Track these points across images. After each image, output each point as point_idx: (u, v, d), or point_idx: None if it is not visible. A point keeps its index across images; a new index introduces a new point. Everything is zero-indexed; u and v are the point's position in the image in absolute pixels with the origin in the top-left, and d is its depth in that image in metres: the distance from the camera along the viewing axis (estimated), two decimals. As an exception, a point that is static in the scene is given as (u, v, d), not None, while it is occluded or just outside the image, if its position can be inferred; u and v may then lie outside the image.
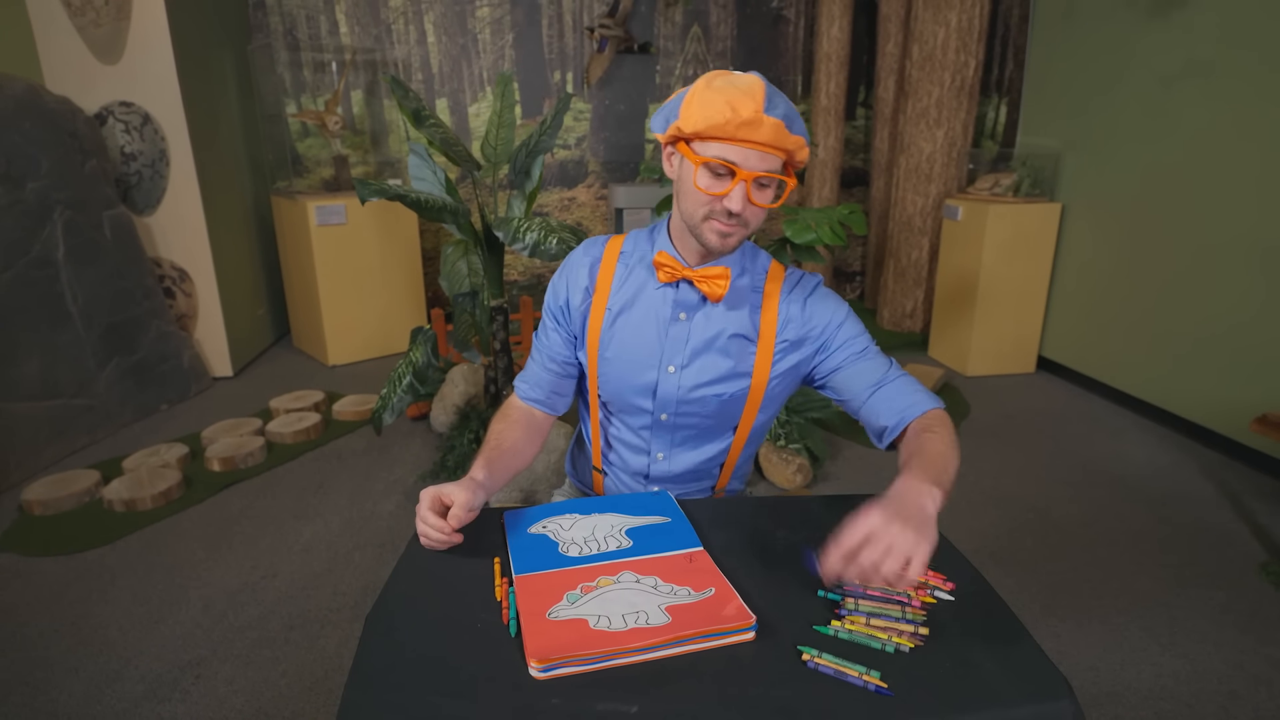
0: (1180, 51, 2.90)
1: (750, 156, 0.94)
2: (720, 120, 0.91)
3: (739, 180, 0.95)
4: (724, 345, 1.09)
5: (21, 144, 2.77)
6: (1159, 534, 2.28)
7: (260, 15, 4.07)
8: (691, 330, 1.09)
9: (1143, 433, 3.02)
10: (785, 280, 1.11)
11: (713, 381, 1.10)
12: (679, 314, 1.09)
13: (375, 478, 2.65)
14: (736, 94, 0.92)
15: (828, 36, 4.14)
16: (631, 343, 1.10)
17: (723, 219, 0.99)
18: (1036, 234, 3.51)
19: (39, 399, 2.72)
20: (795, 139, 0.95)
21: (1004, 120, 4.27)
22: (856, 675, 0.74)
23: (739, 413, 1.14)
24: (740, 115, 0.91)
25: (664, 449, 1.17)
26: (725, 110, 0.91)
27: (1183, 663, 1.74)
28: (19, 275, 2.71)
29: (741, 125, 0.91)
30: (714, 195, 0.97)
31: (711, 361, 1.09)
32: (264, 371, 3.80)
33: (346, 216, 3.71)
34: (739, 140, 0.93)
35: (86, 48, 3.19)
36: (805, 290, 1.11)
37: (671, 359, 1.10)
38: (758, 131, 0.92)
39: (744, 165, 0.94)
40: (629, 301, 1.11)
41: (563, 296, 1.14)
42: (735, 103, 0.91)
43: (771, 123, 0.92)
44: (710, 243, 1.02)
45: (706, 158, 0.95)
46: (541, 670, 0.74)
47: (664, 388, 1.11)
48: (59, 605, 1.95)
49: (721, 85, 0.94)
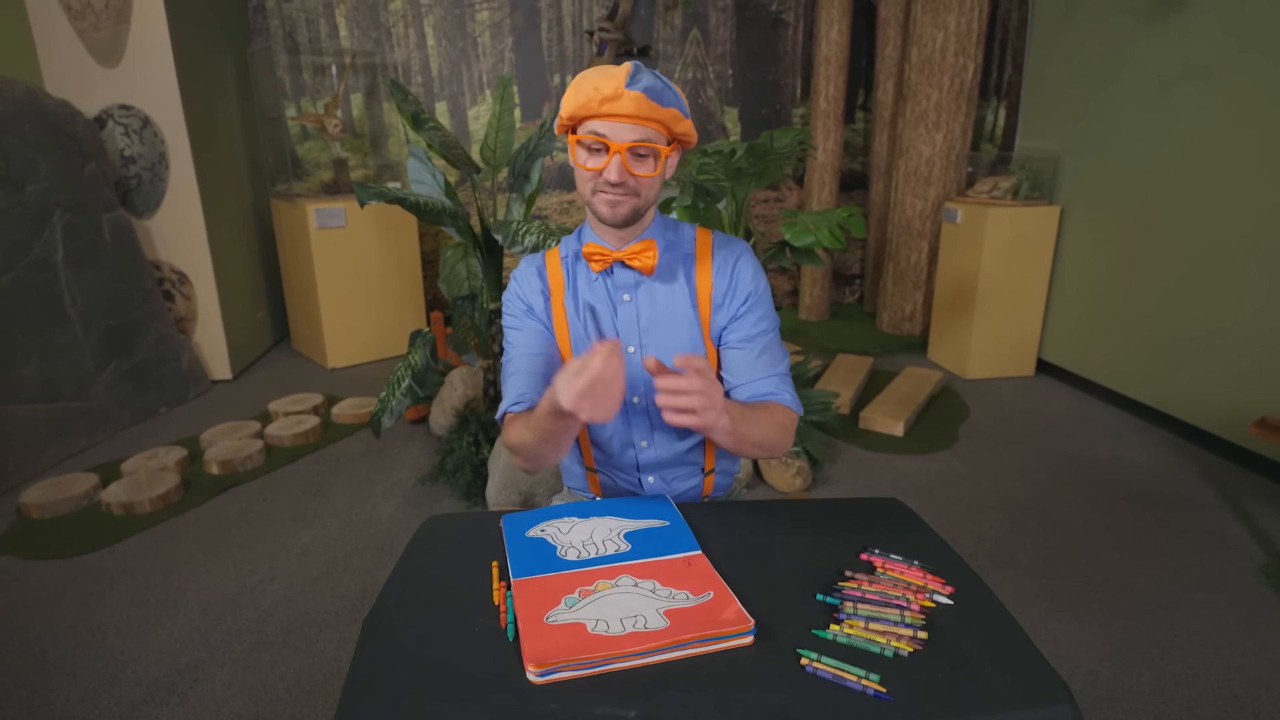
0: (1178, 54, 2.90)
1: (619, 129, 1.00)
2: (584, 99, 0.98)
3: (613, 153, 1.01)
4: (673, 315, 1.13)
5: (21, 147, 2.77)
6: (1158, 537, 2.28)
7: (260, 19, 4.07)
8: (639, 309, 1.13)
9: (1142, 435, 3.02)
10: (714, 241, 1.17)
11: (674, 351, 1.12)
12: (622, 296, 1.13)
13: (374, 481, 2.65)
14: (601, 75, 0.98)
15: (827, 40, 4.14)
16: (592, 334, 1.14)
17: (607, 189, 1.04)
18: (1036, 237, 3.51)
19: (38, 402, 2.72)
20: (667, 111, 1.00)
21: (1003, 123, 4.28)
22: (855, 679, 0.74)
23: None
24: (602, 92, 0.97)
25: (645, 435, 1.18)
26: (589, 90, 0.98)
27: (1182, 666, 1.74)
28: (18, 278, 2.71)
29: (605, 100, 0.97)
30: (593, 170, 1.03)
31: (666, 334, 1.13)
32: (263, 374, 3.80)
33: (346, 219, 3.71)
34: (605, 115, 0.99)
35: (86, 51, 3.20)
36: (734, 254, 1.16)
37: (629, 340, 1.13)
38: (621, 105, 0.97)
39: (614, 138, 1.00)
40: (579, 295, 1.15)
41: (523, 301, 1.15)
42: (598, 82, 0.98)
43: (633, 95, 0.97)
44: (603, 214, 1.07)
45: (581, 135, 1.02)
46: (539, 675, 0.74)
47: (630, 369, 1.13)
48: (57, 608, 1.94)
49: (591, 72, 1.00)
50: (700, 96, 4.55)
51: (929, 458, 2.84)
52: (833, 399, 2.82)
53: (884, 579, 0.91)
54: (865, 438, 2.99)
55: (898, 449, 2.90)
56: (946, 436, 3.01)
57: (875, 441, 2.96)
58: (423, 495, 2.53)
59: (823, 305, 4.63)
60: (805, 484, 2.57)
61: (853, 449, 2.91)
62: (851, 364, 3.65)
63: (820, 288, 4.60)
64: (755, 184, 2.56)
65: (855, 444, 2.94)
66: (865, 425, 3.07)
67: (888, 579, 0.91)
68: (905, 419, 3.02)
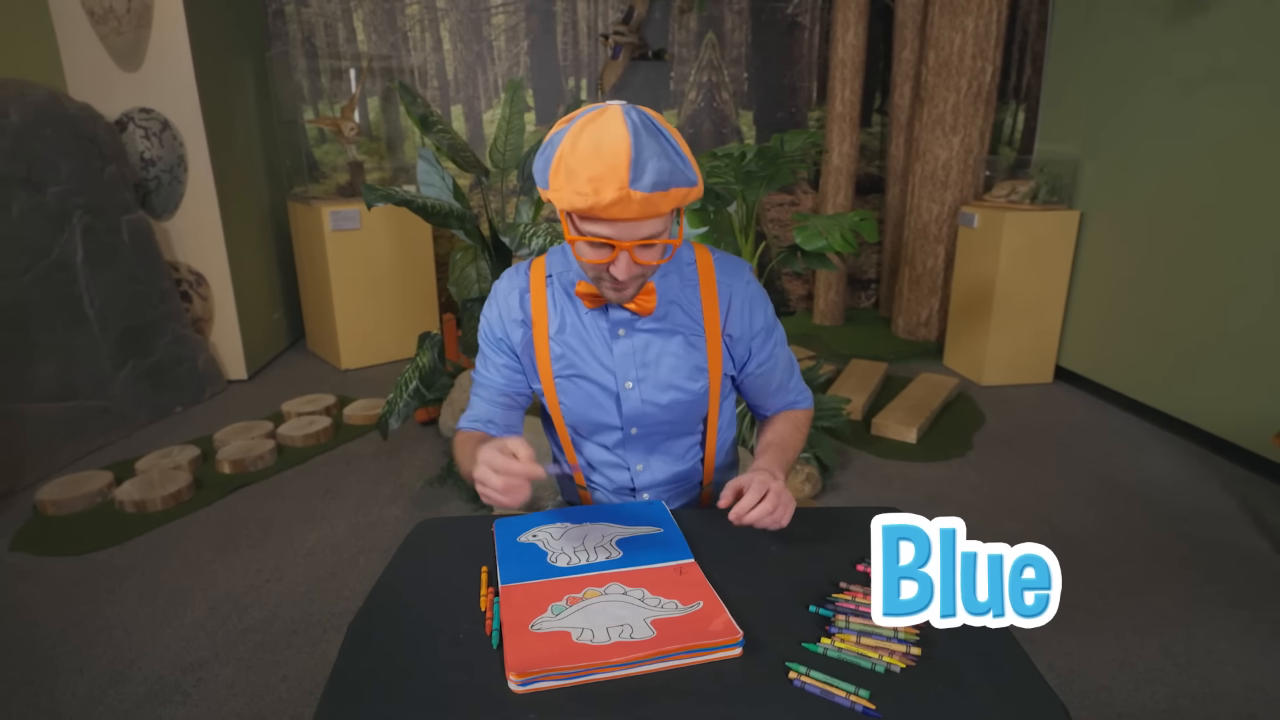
0: (1202, 56, 2.84)
1: (624, 228, 0.90)
2: (584, 206, 0.86)
3: (619, 251, 0.91)
4: (674, 348, 1.08)
5: (43, 150, 2.82)
6: (1178, 550, 2.22)
7: (280, 23, 4.12)
8: (635, 343, 1.07)
9: (1163, 445, 2.96)
10: (715, 262, 1.10)
11: (673, 386, 1.08)
12: (617, 330, 1.07)
13: (383, 482, 2.65)
14: (601, 169, 0.84)
15: (843, 43, 4.11)
16: (584, 367, 1.08)
17: (612, 281, 0.96)
18: (1054, 242, 3.45)
19: (55, 400, 2.76)
20: (674, 196, 0.88)
21: (1021, 126, 4.22)
22: (844, 695, 0.72)
23: (705, 407, 1.13)
24: (604, 198, 0.85)
25: (641, 459, 1.16)
26: (589, 194, 0.85)
27: (1200, 684, 1.69)
28: (38, 278, 2.75)
29: (608, 207, 0.86)
30: (599, 264, 0.94)
31: (667, 367, 1.08)
32: (278, 375, 3.83)
33: (361, 222, 3.74)
34: (610, 219, 0.89)
35: (108, 55, 3.25)
36: (741, 280, 1.10)
37: (626, 375, 1.08)
38: (628, 208, 0.86)
39: (620, 237, 0.90)
40: (568, 328, 1.08)
41: (499, 329, 1.10)
42: (599, 183, 0.85)
43: (638, 198, 0.85)
44: (609, 299, 1.01)
45: (582, 236, 0.92)
46: (520, 684, 0.73)
47: (628, 405, 1.09)
48: (67, 605, 1.96)
49: (585, 151, 0.85)
50: (715, 100, 4.53)
51: (942, 465, 2.80)
52: (844, 405, 2.79)
53: (879, 591, 0.88)
54: (877, 444, 2.95)
55: (910, 456, 2.86)
56: (960, 444, 2.96)
57: (887, 448, 2.92)
58: (430, 497, 2.53)
59: (837, 310, 4.59)
60: (814, 490, 2.53)
61: (864, 456, 2.87)
62: (865, 369, 3.61)
63: (835, 292, 4.56)
64: (766, 187, 2.54)
65: (867, 451, 2.90)
66: (877, 432, 3.03)
67: (883, 591, 0.88)
68: (918, 426, 2.98)
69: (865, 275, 4.91)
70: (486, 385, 1.13)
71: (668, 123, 0.91)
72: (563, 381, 1.10)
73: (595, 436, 1.15)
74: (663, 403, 1.09)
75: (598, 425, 1.12)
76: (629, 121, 0.86)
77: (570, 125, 0.89)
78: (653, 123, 0.88)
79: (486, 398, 1.13)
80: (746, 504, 0.93)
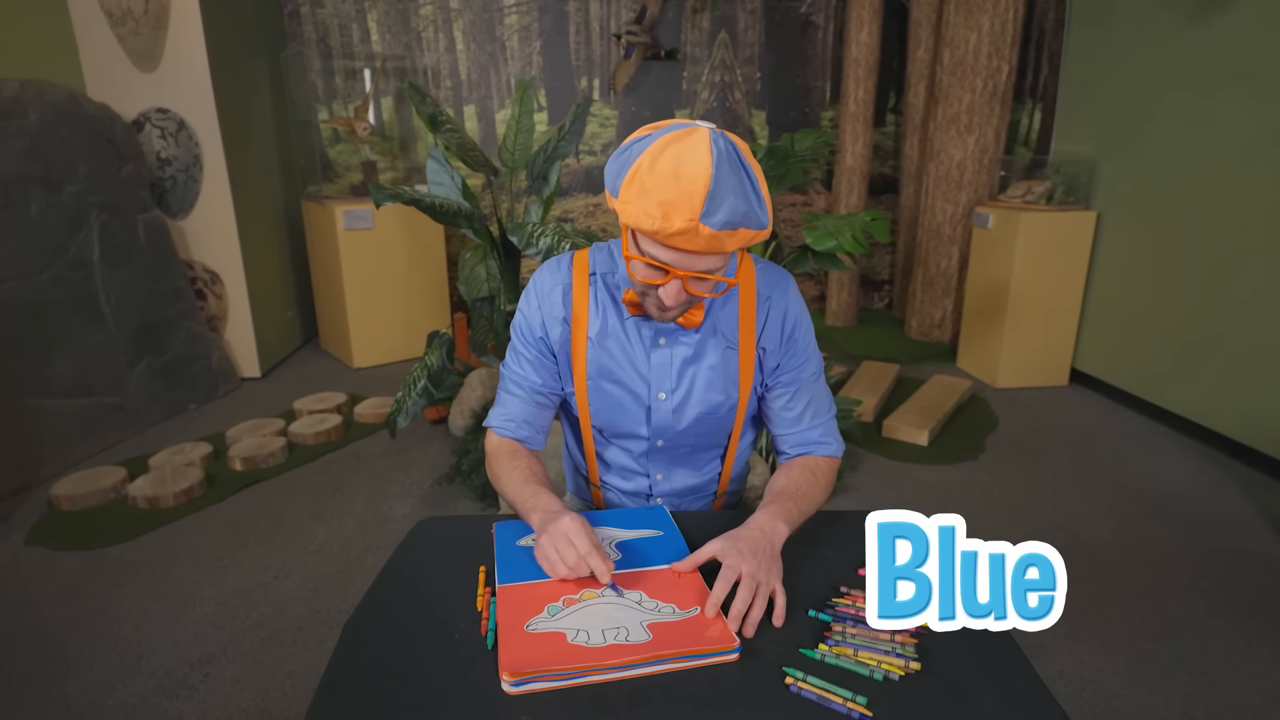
0: (1222, 55, 2.79)
1: (684, 259, 0.88)
2: (650, 229, 0.84)
3: (672, 278, 0.90)
4: (711, 361, 1.06)
5: (61, 149, 2.86)
6: (1194, 557, 2.18)
7: (295, 24, 4.15)
8: (674, 354, 1.06)
9: (1181, 450, 2.91)
10: (757, 274, 1.08)
11: (704, 401, 1.07)
12: (658, 339, 1.05)
13: (392, 480, 2.66)
14: (675, 195, 0.82)
15: (856, 42, 4.08)
16: (619, 373, 1.07)
17: (657, 302, 0.94)
18: (1070, 243, 3.41)
19: (71, 396, 2.79)
20: (741, 236, 0.85)
21: (1038, 126, 4.17)
22: (840, 701, 0.71)
23: (733, 421, 1.12)
24: (670, 226, 0.83)
25: (662, 469, 1.15)
26: (657, 218, 0.83)
27: (1215, 693, 1.66)
28: (55, 276, 2.79)
29: (673, 235, 0.84)
30: (649, 283, 0.92)
31: (701, 381, 1.06)
32: (291, 373, 3.86)
33: (373, 221, 3.76)
34: (672, 247, 0.87)
35: (126, 56, 3.29)
36: (781, 292, 1.07)
37: (660, 386, 1.07)
38: (694, 241, 0.84)
39: (678, 266, 0.89)
40: (608, 329, 1.06)
41: (539, 327, 1.07)
42: (669, 208, 0.82)
43: (705, 234, 0.83)
44: (653, 315, 0.98)
45: (639, 254, 0.90)
46: (513, 684, 0.72)
47: (658, 415, 1.08)
48: (79, 599, 1.99)
49: (663, 172, 0.83)
50: (728, 100, 4.52)
51: (953, 468, 2.77)
52: (854, 406, 2.76)
53: (880, 596, 0.87)
54: (888, 447, 2.93)
55: (921, 459, 2.83)
56: (973, 447, 2.93)
57: (898, 451, 2.89)
58: (439, 496, 2.54)
59: (850, 311, 4.56)
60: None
61: (875, 458, 2.85)
62: (877, 371, 3.58)
63: (848, 293, 4.53)
64: (776, 187, 2.52)
65: (878, 453, 2.88)
66: (889, 434, 3.01)
67: (884, 596, 0.87)
68: (930, 428, 2.95)
69: (879, 276, 4.87)
70: (520, 383, 1.10)
71: (752, 157, 0.88)
72: (595, 385, 1.07)
73: (620, 441, 1.14)
74: (692, 418, 1.08)
75: (624, 432, 1.11)
76: (715, 150, 0.83)
77: (653, 138, 0.86)
78: (738, 156, 0.85)
79: (520, 395, 1.10)
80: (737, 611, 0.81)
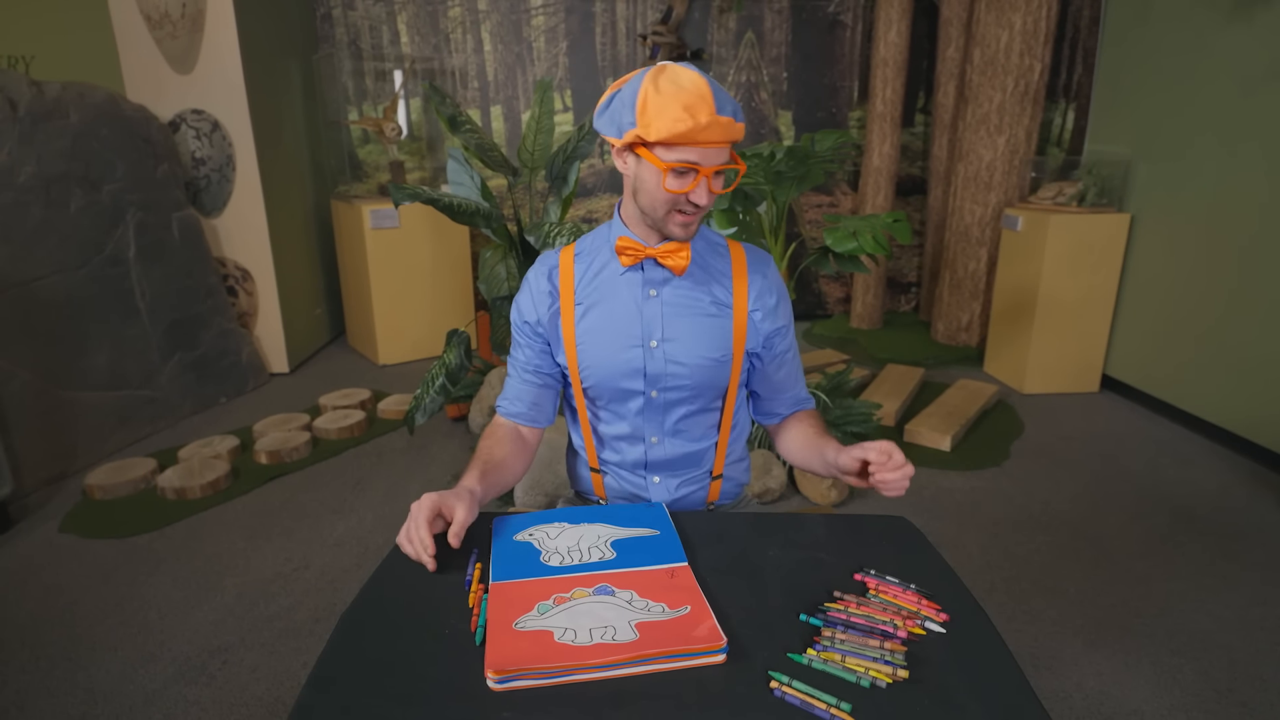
0: (1263, 53, 2.70)
1: (709, 154, 1.00)
2: (683, 129, 0.96)
3: (701, 176, 1.01)
4: (697, 315, 1.12)
5: (100, 150, 2.95)
6: (1224, 570, 2.12)
7: (327, 26, 4.23)
8: (664, 304, 1.12)
9: (1215, 460, 2.82)
10: (747, 254, 1.18)
11: (696, 350, 1.12)
12: (649, 291, 1.12)
13: (412, 476, 2.70)
14: (690, 98, 0.96)
15: (885, 41, 4.03)
16: (609, 329, 1.12)
17: (686, 209, 1.04)
18: (1103, 246, 3.33)
19: (106, 389, 2.88)
20: (739, 128, 1.01)
21: (1071, 126, 4.08)
22: (824, 708, 0.70)
23: (725, 380, 1.16)
24: (699, 121, 0.96)
25: (657, 432, 1.17)
26: (685, 119, 0.96)
27: (1240, 711, 1.61)
28: (93, 272, 2.88)
29: (700, 130, 0.96)
30: (678, 193, 1.02)
31: (691, 329, 1.12)
32: (318, 369, 3.93)
33: (400, 220, 3.82)
34: (698, 142, 0.98)
35: (163, 59, 3.38)
36: (769, 268, 1.18)
37: (651, 334, 1.12)
38: (712, 132, 0.97)
39: (704, 163, 1.00)
40: (597, 291, 1.14)
41: (529, 313, 1.16)
42: (693, 109, 0.96)
43: (724, 122, 0.97)
44: (675, 234, 1.07)
45: (671, 163, 1.00)
46: (498, 681, 0.73)
47: (651, 364, 1.12)
48: (107, 586, 2.05)
49: (669, 89, 0.97)
50: (754, 100, 4.49)
51: (976, 475, 2.72)
52: (874, 410, 2.73)
53: (874, 602, 0.86)
54: (909, 452, 2.88)
55: (943, 464, 2.79)
56: (997, 453, 2.88)
57: (920, 456, 2.85)
58: (456, 492, 2.57)
59: (875, 313, 4.50)
60: (841, 497, 2.49)
61: (895, 463, 2.81)
62: (901, 374, 3.54)
63: (873, 295, 4.48)
64: (797, 188, 2.51)
65: (898, 458, 2.84)
66: (910, 438, 2.97)
67: (878, 602, 0.86)
68: (953, 433, 2.90)
69: (905, 278, 4.80)
70: (517, 363, 1.21)
71: None
72: (586, 346, 1.13)
73: (615, 405, 1.17)
74: (687, 364, 1.12)
75: (619, 390, 1.14)
76: (691, 68, 1.00)
77: (635, 79, 1.01)
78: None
79: (517, 375, 1.20)
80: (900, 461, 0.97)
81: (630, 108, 1.00)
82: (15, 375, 2.51)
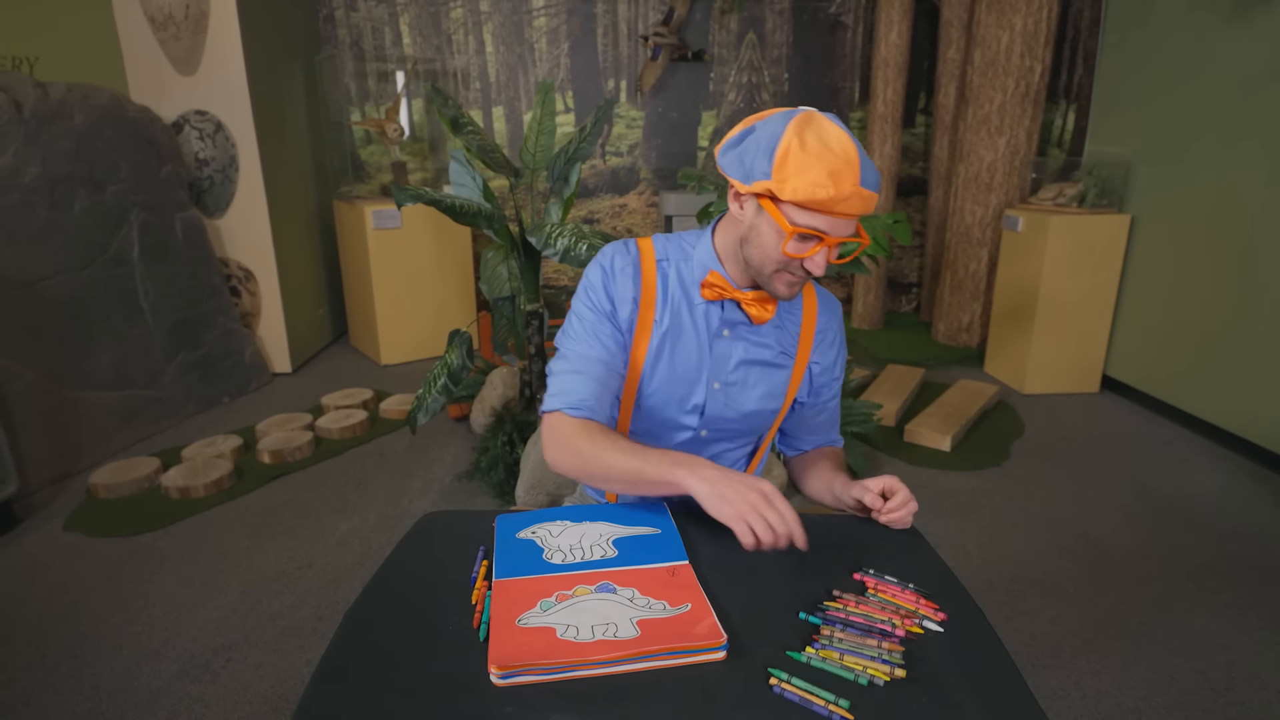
0: (1264, 54, 2.71)
1: (838, 224, 0.94)
2: (823, 196, 0.90)
3: (824, 245, 0.96)
4: (767, 361, 1.10)
5: (104, 150, 2.96)
6: (1224, 570, 2.13)
7: (329, 27, 4.25)
8: (734, 348, 1.08)
9: (1215, 460, 2.83)
10: (818, 298, 1.15)
11: (753, 398, 1.11)
12: (723, 330, 1.08)
13: (414, 475, 2.71)
14: (837, 164, 0.90)
15: (886, 42, 4.04)
16: (680, 359, 1.08)
17: (797, 273, 0.99)
18: (1103, 246, 3.34)
19: (110, 389, 2.90)
20: (875, 200, 0.95)
21: (1071, 127, 4.09)
22: (822, 704, 0.71)
23: (771, 423, 1.16)
24: (842, 191, 0.90)
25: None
26: (828, 186, 0.89)
27: (1238, 711, 1.61)
28: (97, 272, 2.89)
29: (840, 200, 0.90)
30: (797, 257, 0.97)
31: (754, 378, 1.10)
32: (321, 369, 3.95)
33: (402, 221, 3.83)
34: (835, 213, 0.93)
35: (167, 60, 3.40)
36: (834, 318, 1.16)
37: (716, 376, 1.09)
38: (852, 205, 0.92)
39: (832, 233, 0.95)
40: (674, 315, 1.07)
41: (608, 302, 1.06)
42: (838, 177, 0.90)
43: (865, 195, 0.91)
44: (779, 294, 1.02)
45: (800, 227, 0.94)
46: (501, 677, 0.74)
47: (711, 405, 1.09)
48: (111, 584, 2.06)
49: (815, 147, 0.90)
50: (755, 101, 4.50)
51: (976, 475, 2.73)
52: (875, 410, 2.74)
53: (873, 601, 0.87)
54: (909, 452, 2.90)
55: (943, 465, 2.80)
56: (997, 454, 2.89)
57: (920, 456, 2.86)
58: (458, 492, 2.58)
59: (876, 313, 4.52)
60: (841, 497, 2.50)
61: (895, 463, 2.82)
62: (901, 375, 3.55)
63: (874, 295, 4.49)
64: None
65: (898, 458, 2.85)
66: (910, 439, 2.98)
67: (876, 601, 0.87)
68: (953, 434, 2.91)
69: (906, 279, 4.82)
70: (591, 359, 1.04)
71: None
72: (655, 372, 1.07)
73: (659, 430, 1.13)
74: (743, 411, 1.10)
75: (671, 423, 1.12)
76: (838, 123, 0.93)
77: (776, 124, 0.93)
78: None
79: (591, 374, 1.03)
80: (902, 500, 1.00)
81: (767, 156, 0.92)
82: (20, 375, 2.53)
